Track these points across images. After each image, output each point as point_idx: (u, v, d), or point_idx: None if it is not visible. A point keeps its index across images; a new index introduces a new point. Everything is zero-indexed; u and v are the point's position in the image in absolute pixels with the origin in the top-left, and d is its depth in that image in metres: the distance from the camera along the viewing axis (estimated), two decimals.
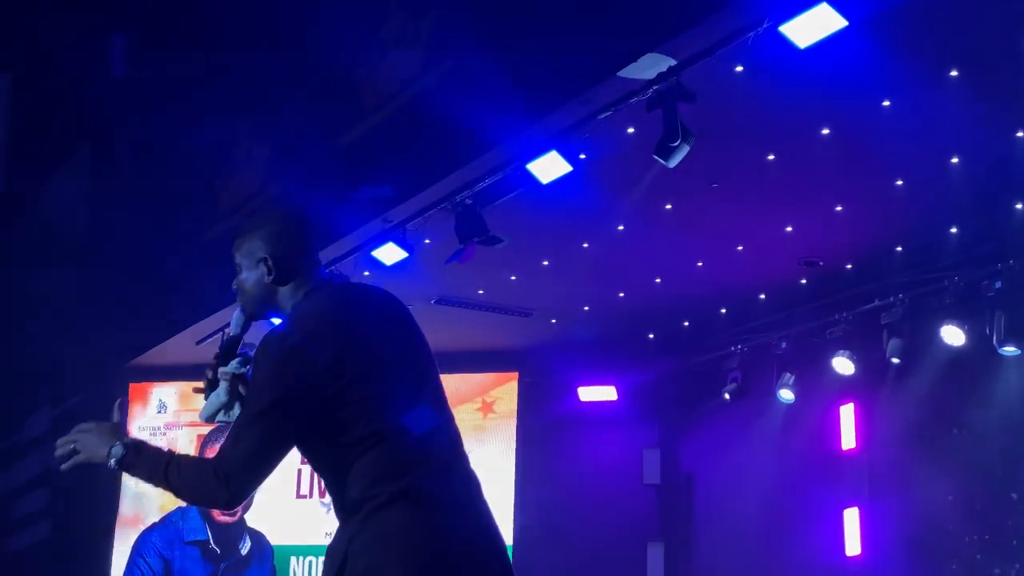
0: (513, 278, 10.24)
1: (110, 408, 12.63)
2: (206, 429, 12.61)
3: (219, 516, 12.31)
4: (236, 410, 3.38)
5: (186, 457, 3.28)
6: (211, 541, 12.32)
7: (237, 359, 3.42)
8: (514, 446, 11.99)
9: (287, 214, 3.48)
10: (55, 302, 13.86)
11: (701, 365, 11.35)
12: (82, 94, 13.68)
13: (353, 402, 3.16)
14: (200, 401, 3.54)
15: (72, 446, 3.31)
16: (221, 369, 3.42)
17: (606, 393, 11.91)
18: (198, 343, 11.25)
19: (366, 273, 9.63)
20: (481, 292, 10.65)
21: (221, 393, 3.42)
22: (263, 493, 12.36)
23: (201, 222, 11.21)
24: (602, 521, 11.71)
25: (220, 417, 3.42)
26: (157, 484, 3.26)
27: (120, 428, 3.47)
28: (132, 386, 12.74)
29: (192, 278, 10.76)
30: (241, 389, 3.41)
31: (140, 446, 3.30)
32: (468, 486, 3.35)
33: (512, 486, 11.87)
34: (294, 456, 10.98)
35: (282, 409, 3.13)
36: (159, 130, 11.52)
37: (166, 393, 12.75)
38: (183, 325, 11.31)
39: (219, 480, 3.14)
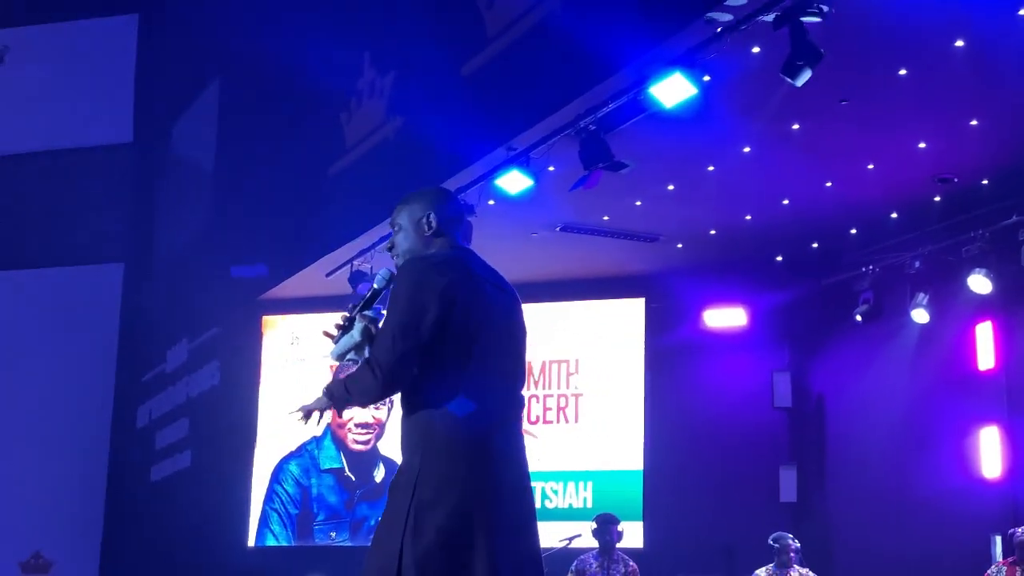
0: (638, 203, 10.18)
1: (243, 340, 12.91)
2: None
3: (353, 444, 12.55)
4: (366, 352, 3.76)
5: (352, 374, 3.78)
6: (346, 469, 12.57)
7: (373, 309, 3.82)
8: (642, 372, 11.99)
9: (444, 189, 4.16)
10: (189, 239, 14.19)
11: (831, 287, 11.21)
12: (207, 31, 13.88)
13: (455, 341, 3.68)
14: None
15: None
16: (361, 312, 3.83)
17: (734, 317, 11.83)
18: (328, 275, 11.42)
19: (491, 202, 9.66)
20: (606, 218, 10.62)
21: (356, 335, 3.79)
22: (396, 422, 12.55)
23: (328, 156, 11.33)
24: (733, 445, 11.68)
25: (351, 356, 3.81)
26: (347, 402, 3.82)
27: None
28: (265, 318, 12.99)
29: (321, 212, 10.91)
30: (373, 330, 3.81)
31: (327, 384, 3.87)
32: (517, 443, 3.81)
33: (641, 412, 11.89)
34: None
35: (411, 314, 3.65)
36: (285, 64, 11.63)
37: (298, 324, 12.98)
38: (313, 258, 11.48)
39: (373, 374, 3.66)
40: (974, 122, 8.43)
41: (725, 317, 11.86)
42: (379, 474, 12.53)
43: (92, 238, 15.48)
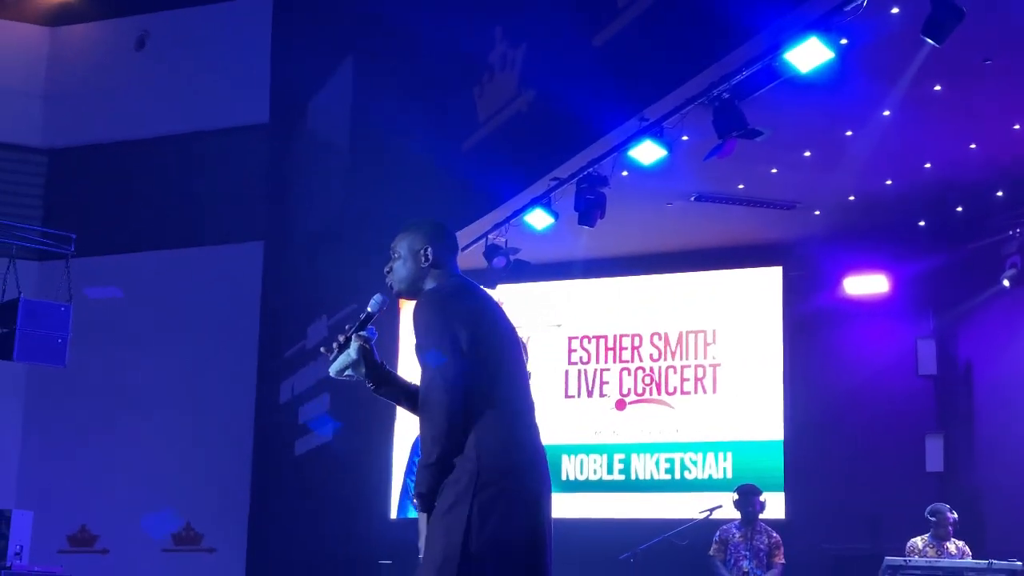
0: (774, 171, 10.04)
1: (380, 315, 13.04)
2: None
3: None
4: (363, 369, 4.16)
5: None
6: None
7: (368, 330, 4.17)
8: (780, 341, 11.85)
9: (440, 223, 4.39)
10: (326, 216, 14.38)
11: (977, 251, 10.93)
12: (340, 8, 14.02)
13: (487, 360, 4.01)
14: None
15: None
16: (358, 333, 4.16)
17: (876, 284, 11.61)
18: (463, 249, 11.45)
19: (624, 173, 9.61)
20: (741, 187, 10.50)
21: (352, 353, 4.15)
22: (533, 394, 12.60)
23: (461, 130, 11.38)
24: (876, 414, 11.50)
25: (348, 373, 4.19)
26: (439, 463, 3.96)
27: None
28: None
29: (454, 186, 10.96)
30: (374, 353, 4.19)
31: (418, 491, 4.03)
32: (541, 461, 4.23)
33: (780, 382, 11.75)
34: (562, 357, 11.16)
35: (449, 350, 3.96)
36: (417, 40, 11.69)
37: None
38: None
39: (444, 418, 3.91)
40: None
41: (866, 284, 11.64)
42: None
43: (232, 218, 15.79)
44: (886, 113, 8.85)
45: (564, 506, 12.39)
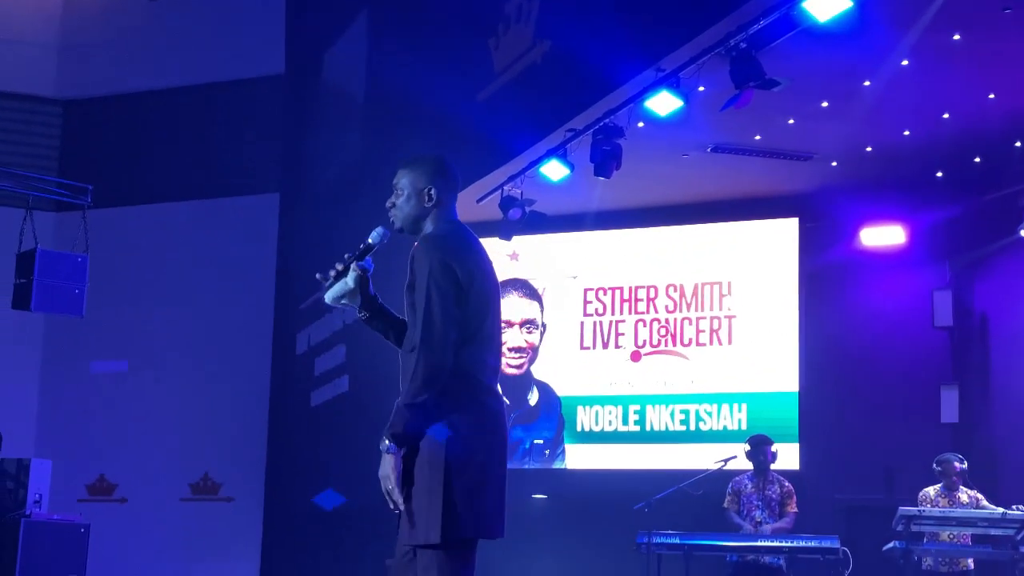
0: (791, 122, 10.00)
1: (396, 267, 13.07)
2: None
3: (506, 368, 12.67)
4: (358, 299, 4.30)
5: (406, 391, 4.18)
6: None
7: (366, 261, 4.29)
8: (796, 293, 11.84)
9: (443, 158, 4.52)
10: (342, 168, 14.38)
11: (994, 202, 10.88)
12: None
13: (475, 313, 4.09)
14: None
15: None
16: (357, 263, 4.28)
17: (892, 235, 11.58)
18: (478, 201, 11.48)
19: (640, 124, 9.58)
20: (758, 137, 10.46)
21: (350, 282, 4.27)
22: (548, 346, 12.64)
23: (477, 82, 11.34)
24: (891, 366, 11.50)
25: (344, 301, 4.31)
26: (421, 406, 4.14)
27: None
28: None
29: (470, 137, 10.94)
30: (369, 285, 4.34)
31: (390, 428, 4.24)
32: (502, 422, 4.25)
33: (796, 334, 11.75)
34: (577, 308, 11.19)
35: (447, 300, 4.07)
36: None
37: None
38: (463, 184, 11.51)
39: (437, 362, 4.03)
40: None
41: (883, 235, 11.61)
42: (533, 397, 12.64)
43: (248, 169, 15.79)
44: (904, 63, 8.78)
45: (579, 457, 12.49)
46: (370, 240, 4.29)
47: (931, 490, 9.45)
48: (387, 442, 4.16)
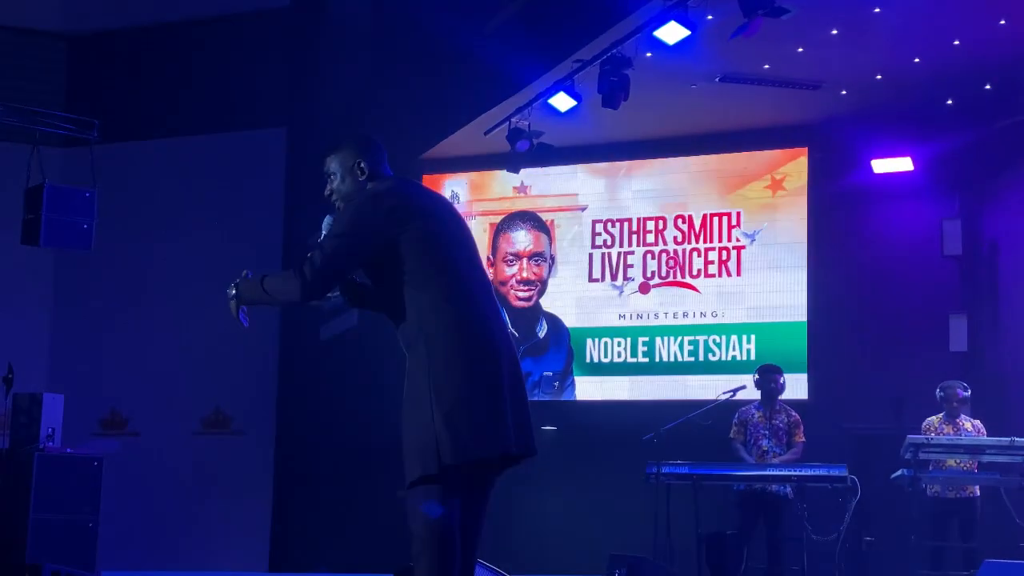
0: (800, 50, 9.92)
1: None
2: (498, 218, 12.92)
3: (516, 301, 12.69)
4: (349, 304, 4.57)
5: (275, 271, 4.43)
6: (509, 325, 12.72)
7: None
8: (805, 223, 11.81)
9: (364, 134, 4.63)
10: (349, 101, 14.30)
11: (1005, 130, 10.83)
12: None
13: (410, 245, 4.13)
14: None
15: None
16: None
17: (901, 164, 11.54)
18: (486, 133, 11.44)
19: (648, 54, 9.52)
20: (767, 67, 10.39)
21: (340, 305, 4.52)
22: (557, 278, 12.66)
23: (484, 12, 11.25)
24: (901, 294, 11.51)
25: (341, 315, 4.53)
26: (260, 299, 4.50)
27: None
28: (425, 178, 13.10)
29: (477, 70, 10.88)
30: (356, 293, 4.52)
31: (246, 278, 4.54)
32: (507, 336, 4.29)
33: (805, 263, 11.74)
34: (586, 241, 11.17)
35: (353, 235, 4.17)
36: None
37: (458, 183, 13.11)
38: (470, 116, 11.49)
39: (299, 275, 4.21)
40: None
41: (892, 165, 11.57)
42: (542, 330, 12.67)
43: (255, 103, 15.71)
44: None
45: (589, 388, 12.54)
46: (324, 231, 4.37)
47: (934, 419, 9.49)
48: (233, 291, 4.51)
